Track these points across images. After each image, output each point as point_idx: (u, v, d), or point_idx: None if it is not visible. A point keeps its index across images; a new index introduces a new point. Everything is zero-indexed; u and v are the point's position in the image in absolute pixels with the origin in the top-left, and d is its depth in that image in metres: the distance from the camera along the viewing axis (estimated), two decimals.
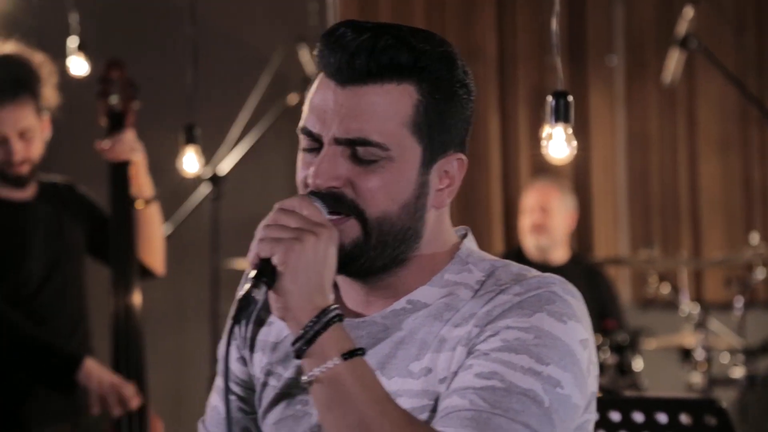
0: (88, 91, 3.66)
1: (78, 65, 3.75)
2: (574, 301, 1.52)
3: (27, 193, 3.48)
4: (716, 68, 4.45)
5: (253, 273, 1.44)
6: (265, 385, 1.65)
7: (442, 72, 1.53)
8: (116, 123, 3.54)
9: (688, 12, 4.43)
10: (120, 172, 3.51)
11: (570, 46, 6.07)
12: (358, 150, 1.50)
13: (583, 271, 5.02)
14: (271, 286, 1.44)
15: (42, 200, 3.50)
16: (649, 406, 2.57)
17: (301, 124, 1.56)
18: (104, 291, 3.57)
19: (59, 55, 3.70)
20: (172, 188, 4.73)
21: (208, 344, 4.46)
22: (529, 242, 4.96)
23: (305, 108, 1.56)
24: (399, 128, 1.51)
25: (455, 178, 1.57)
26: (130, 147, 3.49)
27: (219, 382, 1.71)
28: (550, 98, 2.45)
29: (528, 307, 1.49)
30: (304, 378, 1.44)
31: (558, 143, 2.44)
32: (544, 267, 4.75)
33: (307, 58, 4.74)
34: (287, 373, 1.62)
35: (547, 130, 2.46)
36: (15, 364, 3.39)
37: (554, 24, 2.56)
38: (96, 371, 3.35)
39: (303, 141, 1.56)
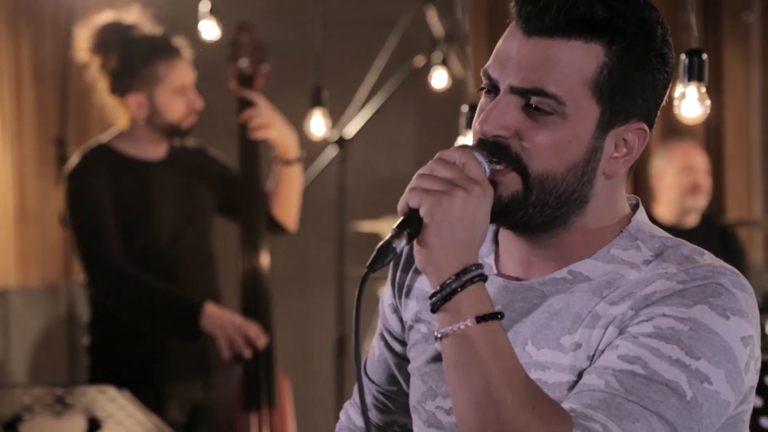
0: (218, 54, 3.71)
1: (209, 29, 3.80)
2: (743, 294, 1.45)
3: (159, 152, 3.56)
4: None
5: (398, 221, 1.43)
6: (411, 329, 1.65)
7: (637, 37, 1.47)
8: (246, 86, 3.59)
9: None
10: (247, 137, 3.56)
11: (705, 2, 5.93)
12: (533, 99, 1.45)
13: (716, 234, 4.92)
14: (416, 237, 1.42)
15: (172, 161, 3.57)
16: None
17: (485, 66, 1.51)
18: (233, 252, 3.63)
19: (193, 20, 3.76)
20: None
21: (333, 305, 4.50)
22: (687, 203, 4.86)
23: (494, 51, 1.52)
24: (579, 86, 1.46)
25: (634, 149, 1.51)
26: (267, 118, 3.55)
27: (380, 327, 1.73)
28: (683, 57, 2.40)
29: (690, 297, 1.43)
30: (436, 333, 1.42)
31: (691, 102, 2.40)
32: (677, 230, 4.69)
33: (434, 20, 4.72)
34: (433, 324, 1.60)
35: (680, 89, 2.42)
36: (141, 317, 3.46)
37: None
38: (218, 315, 3.40)
39: (483, 82, 1.52)
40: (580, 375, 1.46)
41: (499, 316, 1.40)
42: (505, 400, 1.36)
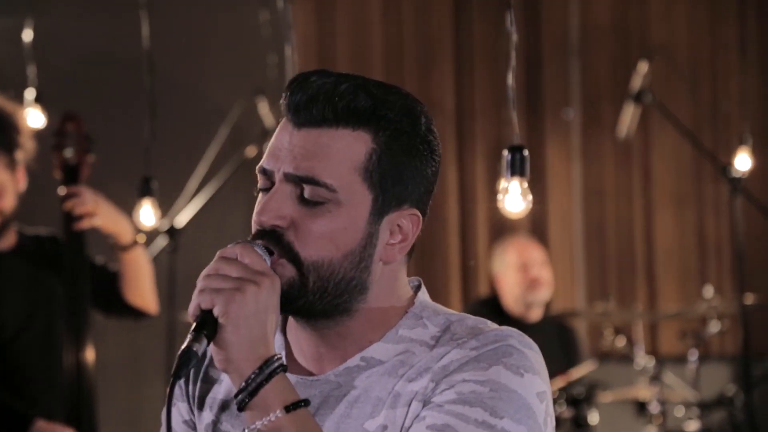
0: (43, 143, 3.65)
1: (35, 117, 3.74)
2: (531, 353, 1.51)
3: (4, 243, 3.46)
4: (670, 122, 4.51)
5: (193, 326, 1.42)
6: None
7: (402, 124, 1.52)
8: (71, 176, 3.53)
9: (643, 67, 4.49)
10: (72, 227, 3.48)
11: (527, 100, 6.13)
12: (306, 189, 1.49)
13: (556, 328, 5.01)
14: (212, 339, 1.42)
15: (19, 252, 3.48)
16: None
17: (258, 165, 1.55)
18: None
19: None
20: None
21: (163, 399, 4.41)
22: (532, 297, 4.89)
23: (266, 150, 1.56)
24: (350, 173, 1.50)
25: (408, 235, 1.55)
26: (92, 204, 3.47)
27: None
28: (506, 152, 2.46)
29: (485, 361, 1.47)
30: (245, 431, 1.42)
31: (514, 197, 2.46)
32: (521, 324, 4.75)
33: (265, 110, 4.75)
34: (235, 430, 1.59)
35: (503, 183, 2.48)
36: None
37: (510, 78, 2.58)
38: (46, 430, 3.30)
39: (259, 181, 1.55)
40: None
41: (304, 404, 1.42)
42: None
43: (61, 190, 3.47)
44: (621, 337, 5.31)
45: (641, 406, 5.19)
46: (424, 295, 1.60)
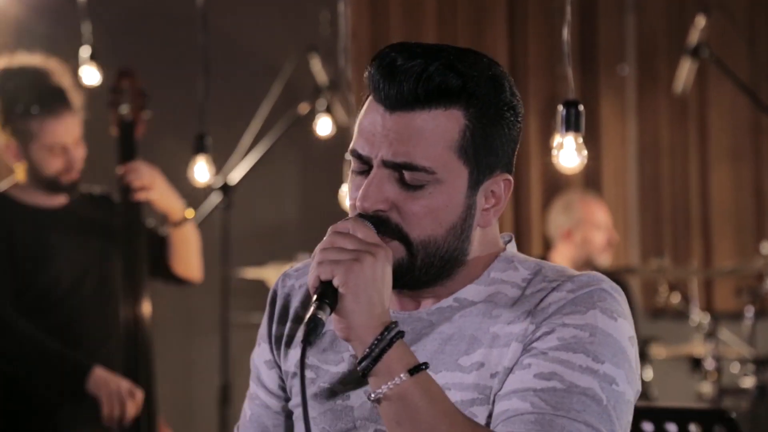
0: (100, 100, 3.68)
1: (90, 75, 3.76)
2: (621, 298, 1.56)
3: (58, 200, 3.51)
4: (728, 78, 4.45)
5: (315, 297, 1.47)
6: (295, 375, 1.68)
7: (489, 96, 1.55)
8: (127, 133, 3.56)
9: (700, 21, 4.43)
10: (134, 205, 3.52)
11: (581, 56, 6.08)
12: (406, 175, 1.53)
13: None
14: (334, 308, 1.47)
15: (72, 209, 3.52)
16: (659, 415, 2.57)
17: (351, 146, 1.58)
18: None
19: (72, 65, 3.72)
20: (183, 197, 4.74)
21: (217, 353, 4.46)
22: (603, 259, 4.85)
23: (355, 131, 1.59)
24: (446, 152, 1.53)
25: (501, 198, 1.60)
26: (147, 177, 3.51)
27: (251, 386, 1.76)
28: (560, 107, 2.45)
29: (581, 304, 1.53)
30: (371, 396, 1.47)
31: (569, 152, 2.45)
32: None
33: (318, 67, 4.75)
34: (326, 367, 1.64)
35: (557, 139, 2.46)
36: (27, 372, 3.39)
37: (566, 33, 2.56)
38: (104, 379, 3.35)
39: (353, 164, 1.59)
40: (484, 392, 1.52)
41: (425, 366, 1.47)
42: None
43: (119, 169, 3.51)
44: (676, 293, 5.28)
45: (696, 363, 5.17)
46: (513, 246, 1.67)
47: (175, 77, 4.93)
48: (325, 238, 1.51)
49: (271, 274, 4.88)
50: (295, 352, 1.68)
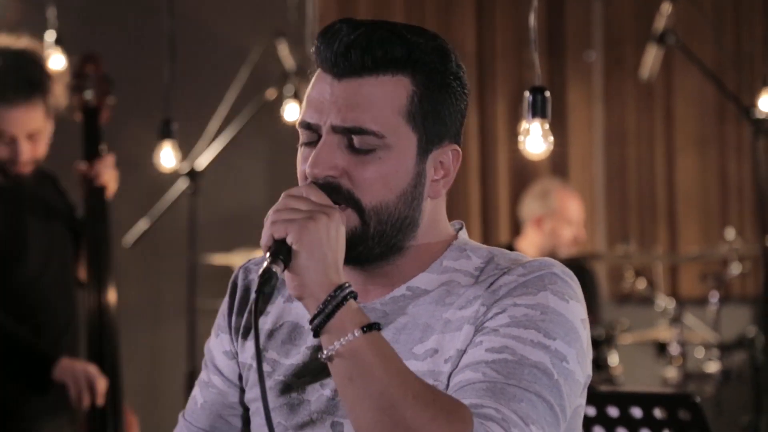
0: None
1: (55, 60, 3.73)
2: (573, 282, 1.58)
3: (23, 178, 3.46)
4: (694, 64, 4.47)
5: (268, 254, 1.47)
6: (251, 368, 1.67)
7: (435, 64, 1.58)
8: (91, 118, 3.53)
9: (666, 7, 4.44)
10: (99, 192, 3.50)
11: (548, 42, 6.09)
12: (355, 139, 1.54)
13: (575, 270, 4.97)
14: (287, 265, 1.47)
15: (36, 188, 3.48)
16: (624, 400, 2.58)
17: (299, 119, 1.59)
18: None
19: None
20: (149, 183, 4.72)
21: (184, 340, 4.45)
22: (559, 252, 4.82)
23: (303, 103, 1.60)
24: (394, 117, 1.55)
25: (450, 170, 1.62)
26: (111, 172, 3.49)
27: (203, 375, 1.75)
28: (527, 94, 2.45)
29: (532, 286, 1.54)
30: (323, 354, 1.46)
31: (535, 138, 2.45)
32: None
33: (285, 52, 4.73)
34: (283, 360, 1.64)
35: (524, 125, 2.47)
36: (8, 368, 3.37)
37: (532, 19, 2.56)
38: (70, 366, 3.33)
39: (302, 135, 1.59)
40: (439, 378, 1.53)
41: (377, 326, 1.46)
42: (406, 398, 1.42)
43: (83, 165, 3.48)
44: (641, 279, 5.31)
45: (661, 348, 5.21)
46: (465, 234, 1.67)
47: (140, 62, 4.90)
48: (279, 201, 1.51)
49: (237, 261, 4.87)
50: (250, 343, 1.68)
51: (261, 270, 1.46)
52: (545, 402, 1.47)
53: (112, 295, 3.48)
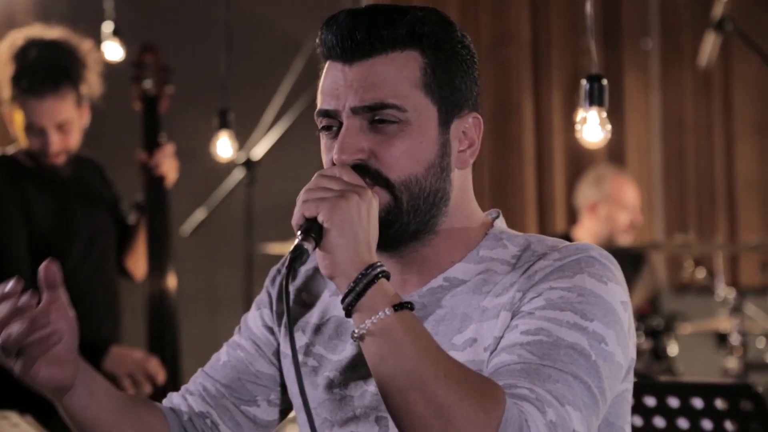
0: (122, 76, 3.68)
1: (113, 50, 3.76)
2: (612, 265, 1.56)
3: (65, 170, 3.49)
4: (752, 51, 4.41)
5: (299, 232, 1.47)
6: (301, 364, 1.67)
7: (441, 35, 1.59)
8: (150, 107, 3.56)
9: None
10: (159, 182, 3.53)
11: (605, 30, 6.04)
12: (377, 116, 1.55)
13: (629, 258, 4.95)
14: (318, 244, 1.47)
15: (77, 178, 3.51)
16: (685, 390, 2.56)
17: (316, 110, 1.60)
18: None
19: (94, 41, 3.72)
20: (206, 173, 4.74)
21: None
22: (616, 240, 4.81)
23: (318, 96, 1.60)
24: (411, 90, 1.56)
25: (474, 139, 1.63)
26: (172, 162, 3.52)
27: (234, 338, 1.77)
28: (584, 82, 2.44)
29: (568, 270, 1.53)
30: (355, 332, 1.45)
31: (592, 127, 2.44)
32: None
33: None
34: (330, 356, 1.64)
35: (581, 114, 2.45)
36: None
37: (589, 7, 2.55)
38: (120, 355, 3.35)
39: (321, 123, 1.60)
40: (479, 367, 1.52)
41: (409, 305, 1.45)
42: (437, 377, 1.40)
43: (143, 155, 3.51)
44: (701, 268, 5.26)
45: (721, 338, 5.15)
46: (502, 222, 1.67)
47: (197, 52, 4.93)
48: (311, 181, 1.51)
49: None
50: (296, 336, 1.69)
51: (293, 247, 1.47)
52: (582, 383, 1.46)
53: (172, 281, 3.51)
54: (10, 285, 1.50)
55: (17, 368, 1.52)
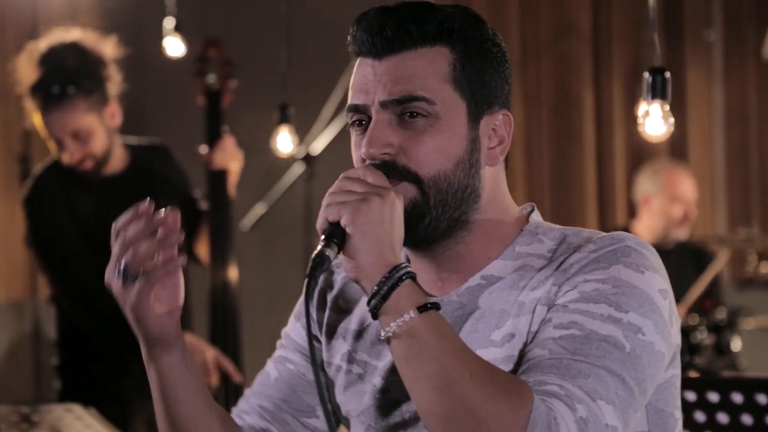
0: (184, 71, 3.70)
1: (174, 46, 3.79)
2: (649, 253, 1.54)
3: (112, 167, 3.52)
4: None
5: (323, 237, 1.47)
6: (339, 369, 1.68)
7: (471, 31, 1.59)
8: (213, 102, 3.59)
9: None
10: (219, 176, 3.55)
11: (666, 22, 5.98)
12: (406, 110, 1.55)
13: (692, 254, 4.90)
14: (342, 248, 1.47)
15: (131, 171, 3.54)
16: (749, 386, 2.53)
17: (346, 105, 1.60)
18: (202, 268, 3.62)
19: (157, 36, 3.75)
20: (266, 167, 4.76)
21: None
22: (671, 233, 4.77)
23: (349, 92, 1.60)
24: (440, 85, 1.56)
25: (504, 136, 1.61)
26: (231, 155, 3.54)
27: (279, 352, 1.77)
28: (646, 74, 2.42)
29: (604, 261, 1.52)
30: (381, 335, 1.45)
31: (655, 120, 2.42)
32: (658, 251, 4.68)
33: None
34: (374, 362, 1.64)
35: (643, 107, 2.44)
36: (114, 342, 3.44)
37: None
38: (191, 344, 3.38)
39: (351, 118, 1.60)
40: (518, 364, 1.51)
41: (435, 306, 1.45)
42: (463, 377, 1.40)
43: (204, 148, 3.54)
44: (765, 262, 5.19)
45: None
46: (537, 216, 1.66)
47: (256, 48, 4.95)
48: (335, 183, 1.51)
49: None
50: (341, 344, 1.69)
51: (314, 254, 1.47)
52: (616, 376, 1.44)
53: (233, 273, 3.53)
54: (142, 206, 1.54)
55: (133, 296, 1.55)
